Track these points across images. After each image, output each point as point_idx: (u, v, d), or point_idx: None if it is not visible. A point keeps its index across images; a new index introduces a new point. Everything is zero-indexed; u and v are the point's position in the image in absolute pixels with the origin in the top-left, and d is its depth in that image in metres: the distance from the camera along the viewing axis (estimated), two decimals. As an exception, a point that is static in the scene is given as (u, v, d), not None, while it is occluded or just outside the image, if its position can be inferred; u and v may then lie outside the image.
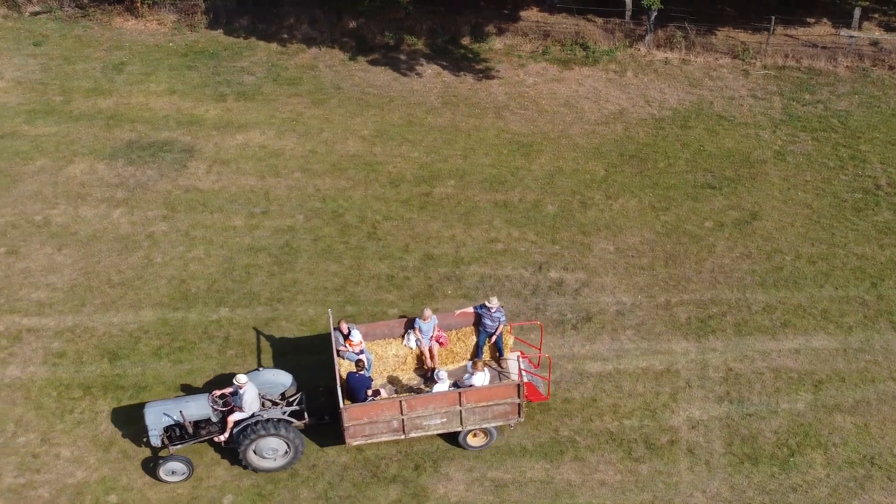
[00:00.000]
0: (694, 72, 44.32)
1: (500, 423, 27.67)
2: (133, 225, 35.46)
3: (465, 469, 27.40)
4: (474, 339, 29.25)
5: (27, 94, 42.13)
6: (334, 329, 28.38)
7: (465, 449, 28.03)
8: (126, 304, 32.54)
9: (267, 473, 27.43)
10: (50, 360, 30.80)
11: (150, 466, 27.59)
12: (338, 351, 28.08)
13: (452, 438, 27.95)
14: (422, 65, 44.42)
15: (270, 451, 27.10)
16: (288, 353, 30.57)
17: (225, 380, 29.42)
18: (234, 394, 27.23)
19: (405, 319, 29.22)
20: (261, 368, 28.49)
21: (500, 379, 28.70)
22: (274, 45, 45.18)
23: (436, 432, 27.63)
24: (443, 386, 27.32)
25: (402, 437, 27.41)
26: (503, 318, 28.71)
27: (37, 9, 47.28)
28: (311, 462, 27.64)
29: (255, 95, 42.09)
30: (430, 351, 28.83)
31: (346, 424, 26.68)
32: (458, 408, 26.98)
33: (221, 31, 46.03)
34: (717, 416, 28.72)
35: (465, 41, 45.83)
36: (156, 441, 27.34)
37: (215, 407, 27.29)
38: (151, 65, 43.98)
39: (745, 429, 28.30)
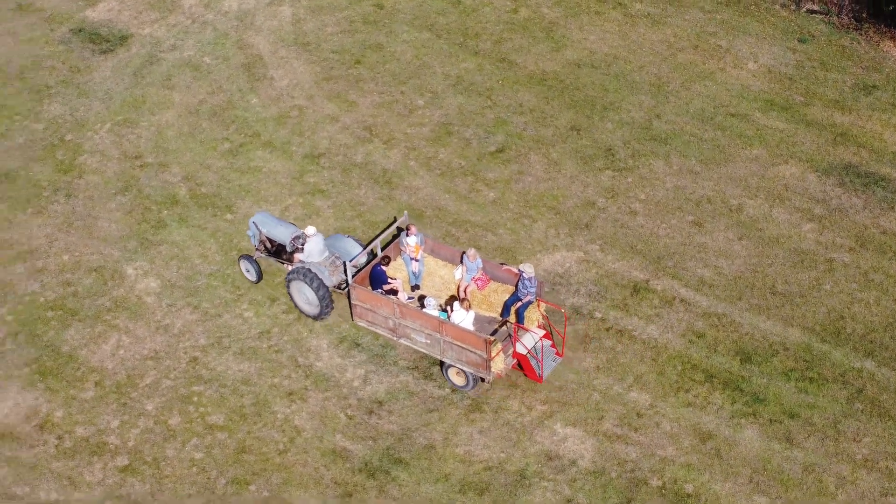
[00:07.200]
0: None
1: (473, 372, 28.98)
2: (817, 244, 34.92)
3: None
4: None
5: (772, 84, 42.65)
6: (405, 230, 31.90)
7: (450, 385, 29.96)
8: (779, 315, 32.34)
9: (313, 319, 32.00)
10: (688, 336, 31.59)
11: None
12: (401, 250, 31.90)
13: None
14: None
15: (304, 295, 31.56)
16: None
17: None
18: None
19: (463, 253, 31.43)
20: (347, 237, 32.63)
21: (508, 341, 29.68)
22: None
23: (422, 350, 30.11)
24: (428, 310, 29.65)
25: (396, 339, 30.43)
26: (532, 290, 29.95)
27: (815, 7, 47.45)
28: None
29: None
30: (466, 288, 31.00)
31: (352, 301, 30.72)
32: (438, 335, 29.19)
33: None
34: None
35: None
36: (254, 242, 33.25)
37: (294, 243, 32.06)
38: (902, 98, 42.61)
39: None
